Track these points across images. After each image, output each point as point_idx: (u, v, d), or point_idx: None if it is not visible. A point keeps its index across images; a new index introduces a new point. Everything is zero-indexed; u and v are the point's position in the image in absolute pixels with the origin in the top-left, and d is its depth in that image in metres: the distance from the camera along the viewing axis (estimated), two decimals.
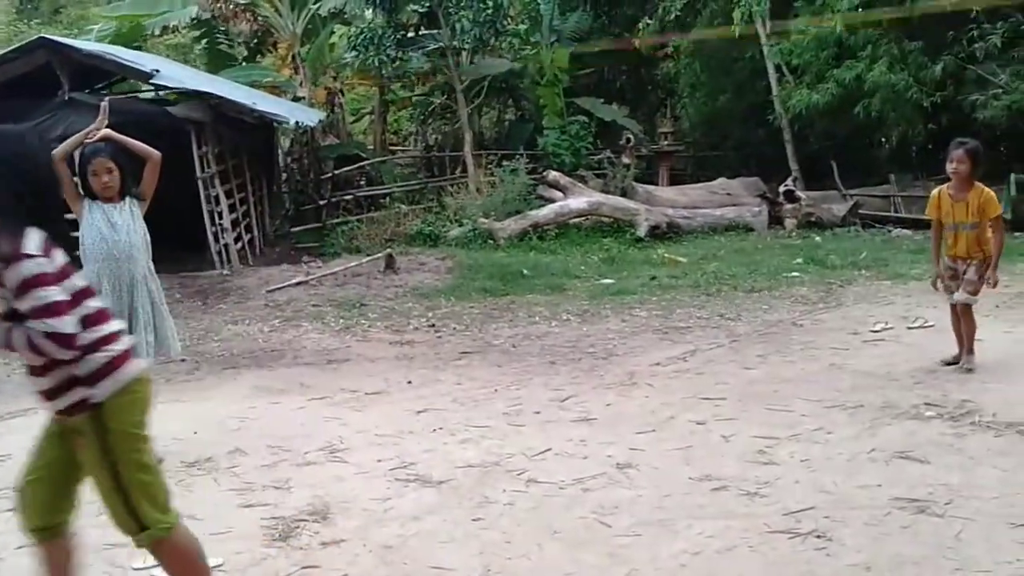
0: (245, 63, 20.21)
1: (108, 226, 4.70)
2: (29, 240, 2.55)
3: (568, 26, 19.43)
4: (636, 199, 15.03)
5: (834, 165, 16.12)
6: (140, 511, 2.79)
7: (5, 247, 2.52)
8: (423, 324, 8.90)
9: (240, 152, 13.98)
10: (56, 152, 4.69)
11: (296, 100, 17.78)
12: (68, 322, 2.59)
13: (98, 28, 19.61)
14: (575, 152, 17.30)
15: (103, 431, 2.73)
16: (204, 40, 20.76)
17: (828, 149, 17.28)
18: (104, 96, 8.38)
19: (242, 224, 13.53)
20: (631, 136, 18.15)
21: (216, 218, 12.37)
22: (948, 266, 6.02)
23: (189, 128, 12.05)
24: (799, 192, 15.17)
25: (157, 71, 12.14)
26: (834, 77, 14.49)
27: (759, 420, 5.24)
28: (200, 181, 12.23)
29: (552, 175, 15.41)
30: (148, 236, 4.89)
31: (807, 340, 7.29)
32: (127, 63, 12.34)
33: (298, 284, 10.95)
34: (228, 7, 18.10)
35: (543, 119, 18.28)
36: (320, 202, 16.77)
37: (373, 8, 16.80)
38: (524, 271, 11.25)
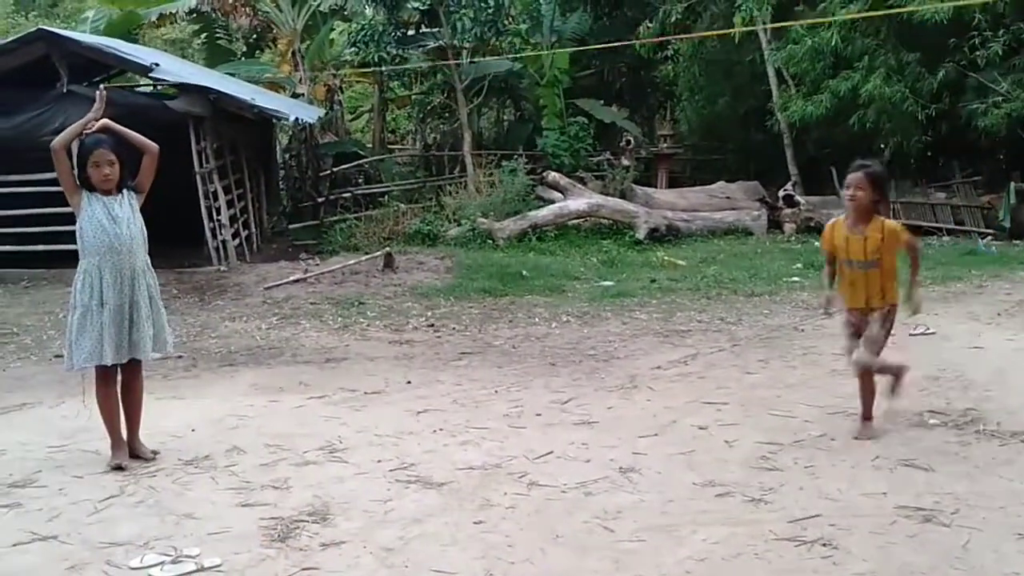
0: (244, 58, 20.15)
1: (109, 219, 4.64)
2: None
3: (569, 27, 19.40)
4: (635, 201, 15.00)
5: (833, 170, 16.07)
6: None
7: None
8: (422, 324, 8.85)
9: (238, 148, 13.91)
10: (55, 142, 4.64)
11: (295, 97, 17.71)
12: None
13: (92, 16, 19.44)
14: (574, 153, 17.27)
15: None
16: (203, 34, 20.71)
17: (827, 154, 17.26)
18: (100, 86, 8.30)
19: (240, 220, 13.45)
20: (631, 138, 18.12)
21: (214, 214, 12.30)
22: (848, 321, 5.06)
23: (188, 122, 11.98)
24: (798, 197, 15.15)
25: (156, 64, 12.08)
26: (829, 88, 14.47)
27: (762, 425, 5.21)
28: (198, 176, 12.17)
29: (552, 176, 15.38)
30: (145, 230, 4.84)
31: (809, 345, 7.26)
32: (126, 56, 12.27)
33: (296, 282, 10.89)
34: (227, 1, 18.03)
35: (542, 120, 18.24)
36: (318, 199, 16.70)
37: (374, 5, 16.74)
38: (523, 272, 11.21)
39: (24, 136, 11.00)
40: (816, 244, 13.30)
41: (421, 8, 16.97)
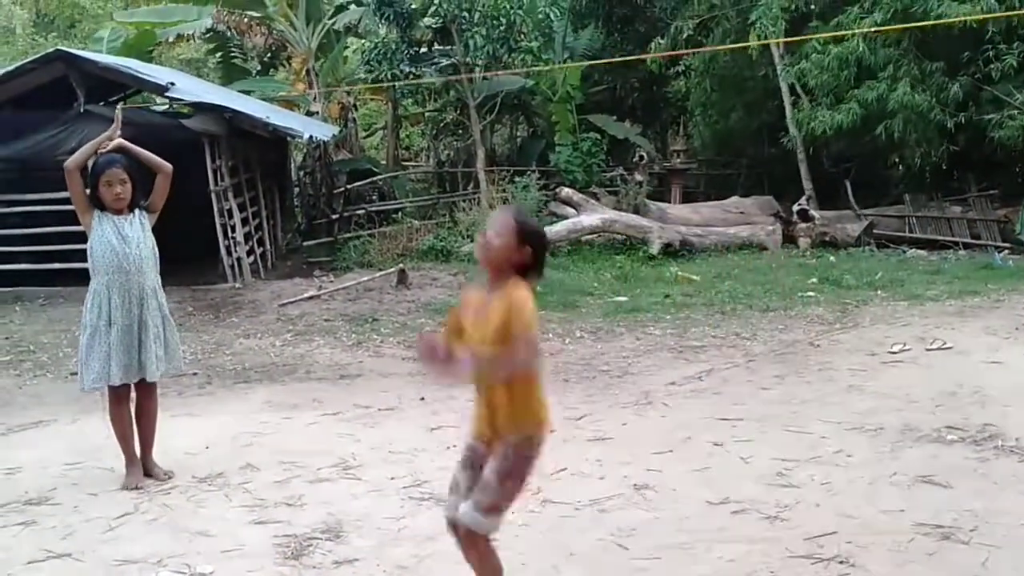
0: (259, 77, 20.29)
1: (118, 238, 4.65)
2: None
3: (581, 43, 19.47)
4: (649, 217, 14.98)
5: (848, 185, 16.06)
6: None
7: None
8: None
9: (253, 166, 14.00)
10: (69, 162, 4.66)
11: (310, 115, 17.81)
12: None
13: (108, 36, 19.65)
14: (587, 169, 17.27)
15: None
16: (218, 53, 20.87)
17: (843, 169, 17.22)
18: (118, 107, 8.37)
19: (255, 238, 13.52)
20: (644, 154, 18.13)
21: (229, 231, 12.36)
22: (467, 444, 3.23)
23: (203, 141, 12.07)
24: (813, 211, 15.09)
25: (172, 84, 12.19)
26: (856, 97, 14.39)
27: (777, 442, 5.17)
28: (213, 194, 12.24)
29: (565, 192, 15.38)
30: (157, 249, 4.85)
31: (824, 361, 7.21)
32: (143, 76, 12.39)
33: (310, 298, 10.92)
34: (243, 20, 18.18)
35: (555, 136, 18.26)
36: (332, 216, 16.76)
37: (387, 24, 16.84)
38: (536, 288, 11.18)
39: (42, 155, 11.10)
40: (832, 259, 13.29)
41: (434, 26, 17.06)
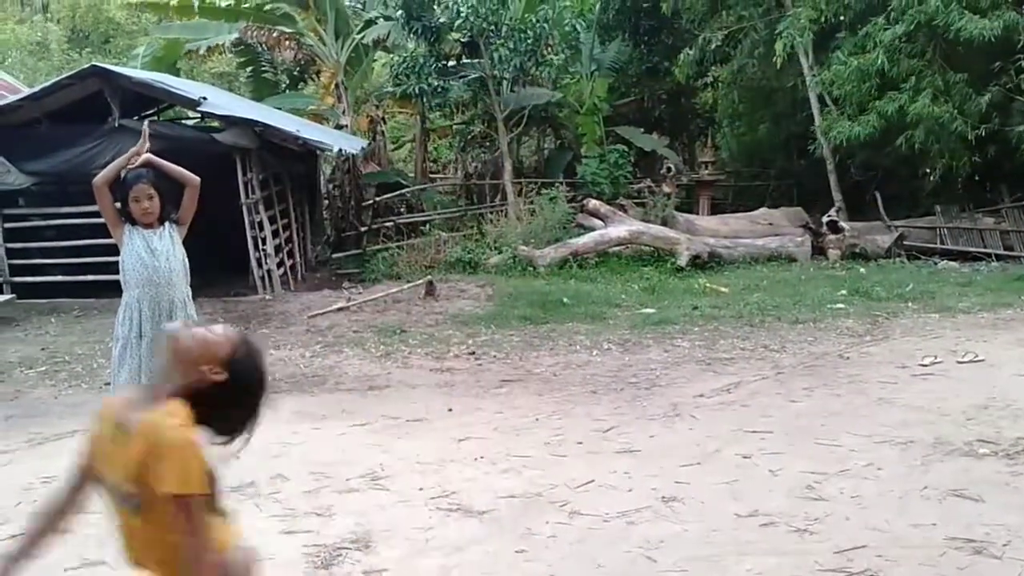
0: (288, 91, 20.53)
1: (148, 252, 4.72)
2: None
3: (608, 56, 19.51)
4: (677, 228, 14.95)
5: (878, 196, 15.93)
6: None
7: None
8: (463, 351, 8.88)
9: (283, 179, 14.15)
10: (98, 179, 4.73)
11: (339, 128, 17.98)
12: None
13: (142, 52, 20.13)
14: (614, 181, 17.30)
15: None
16: (248, 67, 21.14)
17: (872, 180, 17.09)
18: (150, 121, 8.53)
19: (285, 250, 13.66)
20: (672, 165, 18.10)
21: (260, 244, 12.51)
22: None
23: (235, 154, 12.23)
24: (843, 223, 14.99)
25: (205, 99, 12.36)
26: (876, 109, 14.33)
27: (807, 454, 5.15)
28: (245, 207, 12.39)
29: (592, 203, 15.40)
30: (187, 261, 4.92)
31: (854, 373, 7.16)
32: (175, 91, 12.58)
33: (339, 310, 11.00)
34: (272, 35, 18.41)
35: (582, 148, 18.31)
36: (361, 228, 16.89)
37: (416, 37, 16.98)
38: (564, 299, 11.21)
39: (77, 169, 11.28)
40: (862, 271, 13.18)
41: (462, 40, 17.18)
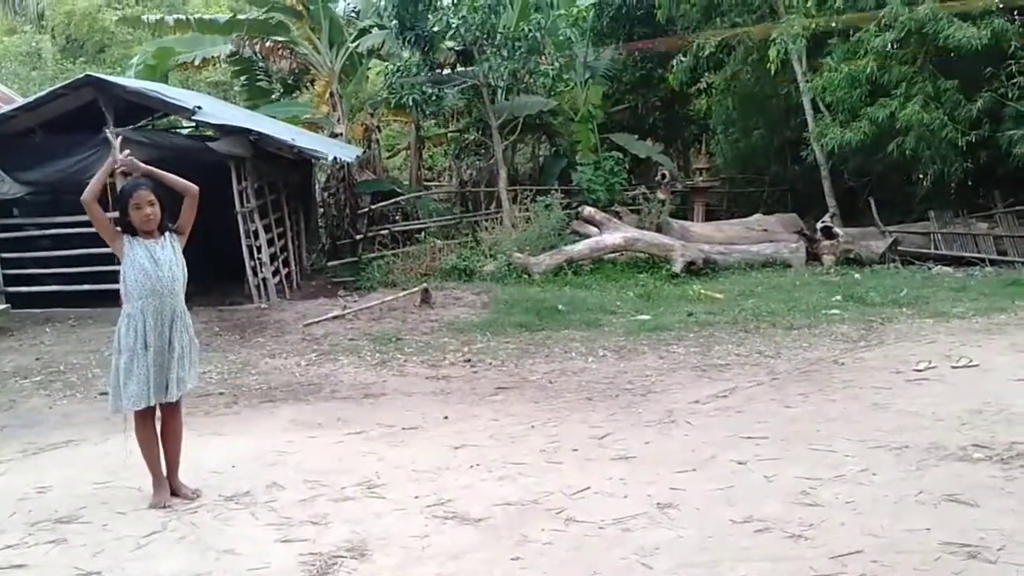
0: (283, 99, 20.55)
1: (151, 262, 4.72)
2: None
3: (602, 63, 19.57)
4: (671, 235, 14.98)
5: (872, 201, 15.99)
6: None
7: None
8: (459, 359, 8.89)
9: (278, 187, 14.16)
10: (86, 196, 4.68)
11: (334, 136, 17.99)
12: None
13: (135, 61, 20.15)
14: (609, 188, 17.34)
15: None
16: (243, 76, 21.17)
17: (865, 185, 17.15)
18: (108, 130, 8.46)
19: (280, 258, 13.65)
20: (666, 172, 18.15)
21: (255, 252, 12.50)
22: None
23: (229, 163, 12.23)
24: (837, 228, 15.03)
25: (199, 108, 12.35)
26: (867, 115, 14.41)
27: (802, 460, 5.15)
28: (239, 215, 12.40)
29: (587, 210, 15.43)
30: (186, 271, 4.92)
31: (849, 379, 7.18)
32: (170, 100, 12.57)
33: (335, 318, 11.00)
34: (266, 44, 18.44)
35: (577, 155, 18.36)
36: (356, 237, 16.90)
37: (410, 46, 17.01)
38: (559, 306, 11.22)
39: (71, 179, 11.25)
40: (856, 276, 13.20)
41: (456, 48, 17.21)
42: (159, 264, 4.72)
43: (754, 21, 16.98)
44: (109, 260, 5.08)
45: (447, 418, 6.58)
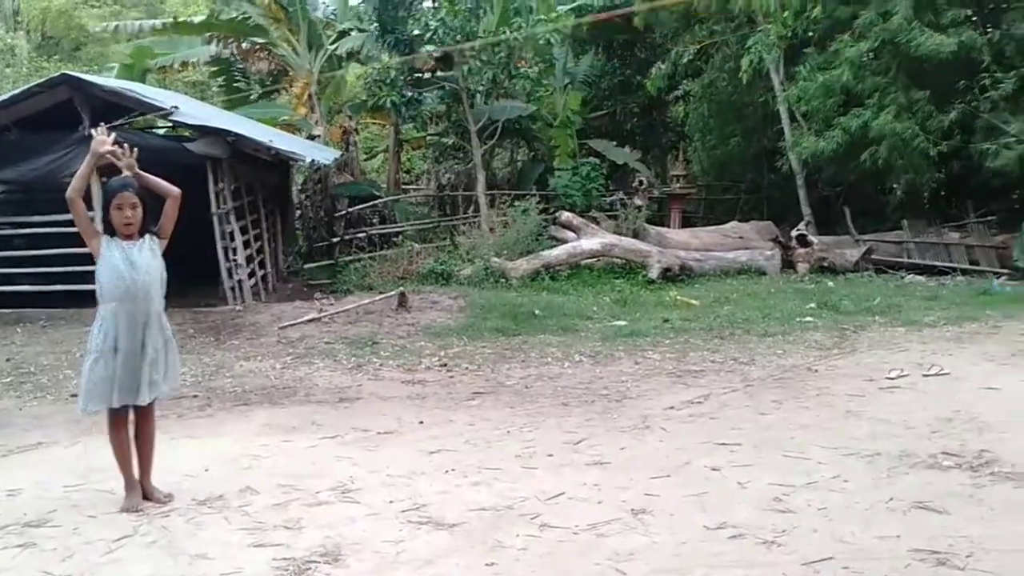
0: (261, 101, 20.46)
1: (127, 264, 4.66)
2: None
3: (581, 70, 19.65)
4: (648, 241, 15.06)
5: (847, 210, 16.15)
6: None
7: None
8: (435, 363, 8.88)
9: (255, 189, 14.08)
10: (71, 192, 4.62)
11: (311, 138, 17.94)
12: None
13: (119, 65, 20.07)
14: (586, 193, 17.41)
15: None
16: (221, 77, 21.06)
17: (840, 194, 17.32)
18: (108, 127, 8.33)
19: (256, 260, 13.58)
20: (644, 179, 18.24)
21: (230, 254, 12.42)
22: None
23: (206, 164, 12.15)
24: (812, 236, 15.17)
25: (176, 108, 12.28)
26: (841, 125, 14.57)
27: (775, 467, 5.19)
28: (216, 217, 12.31)
29: (565, 216, 15.48)
30: (165, 275, 4.87)
31: (822, 386, 7.24)
32: (147, 100, 12.47)
33: (311, 321, 10.95)
34: (244, 46, 18.36)
35: (555, 160, 18.42)
36: (333, 239, 16.85)
37: (389, 50, 16.99)
38: (536, 311, 11.24)
39: (46, 178, 11.18)
40: (830, 284, 13.32)
41: (435, 53, 17.22)
42: (135, 267, 4.67)
43: (732, 30, 17.12)
44: (84, 260, 5.02)
45: (423, 423, 6.57)
